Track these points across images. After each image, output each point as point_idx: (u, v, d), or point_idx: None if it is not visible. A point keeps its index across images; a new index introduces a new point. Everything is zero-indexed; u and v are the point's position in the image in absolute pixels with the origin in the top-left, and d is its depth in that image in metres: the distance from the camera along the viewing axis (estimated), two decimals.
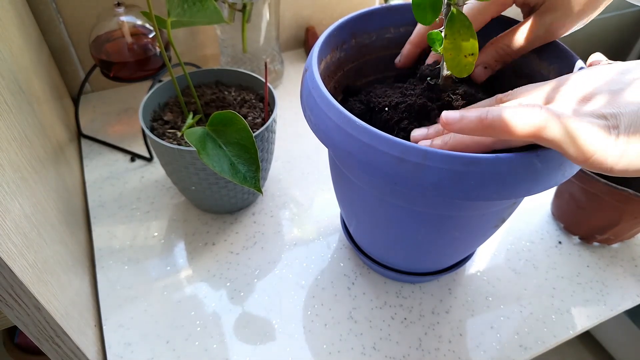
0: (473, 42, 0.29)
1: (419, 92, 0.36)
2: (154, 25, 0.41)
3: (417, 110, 0.35)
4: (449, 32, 0.30)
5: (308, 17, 0.78)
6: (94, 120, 0.65)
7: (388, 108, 0.36)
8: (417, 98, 0.35)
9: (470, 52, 0.30)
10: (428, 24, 0.30)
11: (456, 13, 0.29)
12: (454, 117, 0.27)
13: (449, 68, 0.31)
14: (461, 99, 0.35)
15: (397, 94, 0.38)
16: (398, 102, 0.36)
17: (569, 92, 0.28)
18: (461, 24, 0.29)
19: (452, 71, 0.31)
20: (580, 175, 0.48)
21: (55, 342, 0.34)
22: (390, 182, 0.30)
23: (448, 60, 0.31)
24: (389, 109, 0.36)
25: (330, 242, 0.52)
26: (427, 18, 0.29)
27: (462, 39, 0.29)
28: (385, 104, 0.37)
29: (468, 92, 0.35)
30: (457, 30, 0.29)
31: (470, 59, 0.30)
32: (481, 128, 0.26)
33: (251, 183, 0.37)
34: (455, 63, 0.31)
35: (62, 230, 0.41)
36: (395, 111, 0.36)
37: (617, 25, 1.09)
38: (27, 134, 0.38)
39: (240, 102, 0.52)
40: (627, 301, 0.48)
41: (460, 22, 0.29)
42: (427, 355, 0.43)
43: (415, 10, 0.29)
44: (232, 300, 0.46)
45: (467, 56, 0.30)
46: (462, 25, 0.29)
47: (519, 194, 0.29)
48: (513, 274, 0.50)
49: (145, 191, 0.56)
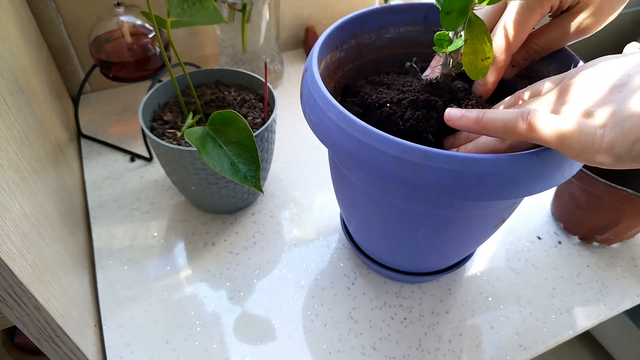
0: (489, 46, 0.31)
1: (420, 88, 0.36)
2: (153, 25, 0.41)
3: (422, 104, 0.35)
4: (469, 36, 0.30)
5: (308, 17, 0.78)
6: (94, 120, 0.65)
7: (390, 104, 0.36)
8: (419, 94, 0.36)
9: (486, 56, 0.31)
10: (453, 29, 0.31)
11: (474, 18, 0.29)
12: (455, 114, 0.31)
13: (467, 72, 0.32)
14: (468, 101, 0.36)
15: (395, 90, 0.38)
16: (400, 99, 0.36)
17: (572, 92, 0.28)
18: (479, 29, 0.30)
19: (469, 74, 0.32)
20: (580, 175, 0.48)
21: (55, 342, 0.34)
22: (390, 182, 0.30)
23: (467, 64, 0.32)
24: (391, 104, 0.36)
25: (330, 242, 0.52)
26: (453, 24, 0.30)
27: (480, 42, 0.30)
28: (386, 100, 0.37)
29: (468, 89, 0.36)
30: (475, 35, 0.30)
31: (487, 62, 0.31)
32: (478, 128, 0.30)
33: (252, 182, 0.37)
34: (473, 67, 0.32)
35: (61, 230, 0.41)
36: (399, 106, 0.36)
37: (617, 25, 1.09)
38: (27, 134, 0.38)
39: (240, 102, 0.52)
40: (627, 301, 0.48)
41: (478, 27, 0.30)
42: (427, 355, 0.43)
43: (444, 16, 0.29)
44: (231, 300, 0.46)
45: (484, 60, 0.31)
46: (480, 30, 0.30)
47: (519, 194, 0.29)
48: (513, 274, 0.50)
49: (145, 191, 0.56)
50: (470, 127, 0.30)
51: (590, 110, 0.26)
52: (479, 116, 0.29)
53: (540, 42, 0.37)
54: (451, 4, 0.28)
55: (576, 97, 0.27)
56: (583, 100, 0.27)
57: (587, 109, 0.26)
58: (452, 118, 0.31)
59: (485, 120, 0.29)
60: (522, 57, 0.38)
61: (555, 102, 0.29)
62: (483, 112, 0.29)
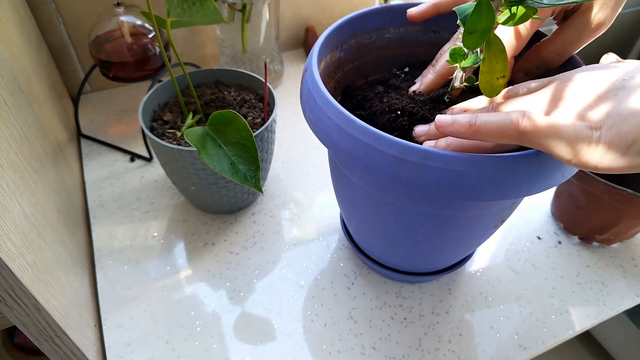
0: (505, 65, 0.30)
1: (427, 100, 0.37)
2: (153, 25, 0.41)
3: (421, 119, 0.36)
4: (487, 55, 0.30)
5: (308, 17, 0.78)
6: (94, 120, 0.65)
7: (389, 112, 0.37)
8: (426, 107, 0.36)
9: (502, 75, 0.31)
10: (473, 48, 0.30)
11: (493, 38, 0.29)
12: (446, 120, 0.29)
13: (482, 90, 0.32)
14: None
15: (406, 98, 0.38)
16: (404, 107, 0.36)
17: (565, 95, 0.28)
18: (497, 48, 0.30)
19: (484, 92, 0.32)
20: (580, 175, 0.48)
21: (55, 342, 0.34)
22: (390, 182, 0.30)
23: (482, 82, 0.31)
24: (389, 112, 0.36)
25: (330, 242, 0.52)
26: (475, 43, 0.30)
27: (497, 61, 0.30)
28: (391, 109, 0.37)
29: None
30: (493, 54, 0.30)
31: (502, 80, 0.31)
32: (471, 133, 0.28)
33: (251, 182, 0.37)
34: (489, 85, 0.31)
35: (61, 230, 0.41)
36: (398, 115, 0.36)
37: (617, 25, 1.09)
38: (27, 134, 0.38)
39: (240, 102, 0.52)
40: (627, 301, 0.48)
41: (496, 46, 0.30)
42: (426, 355, 0.43)
43: (466, 36, 0.29)
44: (231, 301, 0.46)
45: (499, 78, 0.31)
46: (497, 49, 0.30)
47: (518, 194, 0.29)
48: (513, 273, 0.50)
49: (144, 191, 0.56)
50: (463, 132, 0.28)
51: (585, 113, 0.25)
52: (471, 120, 0.28)
53: (553, 49, 0.36)
54: (475, 24, 0.28)
55: (570, 99, 0.27)
56: (578, 102, 0.26)
57: (581, 112, 0.26)
58: (443, 124, 0.29)
59: (478, 125, 0.28)
60: (536, 66, 0.38)
61: (548, 105, 0.28)
62: (475, 116, 0.28)
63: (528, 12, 0.29)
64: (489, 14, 0.27)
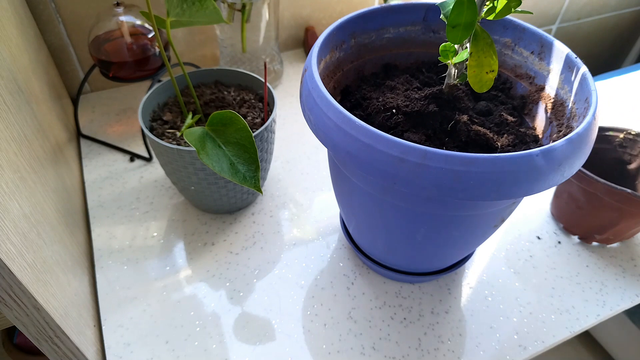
0: (495, 59, 0.30)
1: (422, 98, 0.37)
2: (153, 25, 0.41)
3: (416, 117, 0.35)
4: (474, 49, 0.30)
5: (307, 16, 0.78)
6: (93, 120, 0.65)
7: (384, 110, 0.36)
8: (420, 104, 0.36)
9: (491, 69, 0.31)
10: (459, 42, 0.31)
11: (479, 32, 0.29)
12: None
13: (471, 84, 0.32)
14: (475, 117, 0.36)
15: (401, 97, 0.38)
16: (399, 105, 0.36)
17: None
18: (484, 42, 0.30)
19: (474, 87, 0.32)
20: (580, 175, 0.48)
21: (54, 343, 0.34)
22: (390, 182, 0.30)
23: (471, 76, 0.32)
24: (384, 111, 0.36)
25: (329, 242, 0.52)
26: (459, 37, 0.30)
27: (485, 55, 0.30)
28: (386, 107, 0.37)
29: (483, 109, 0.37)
30: (481, 48, 0.30)
31: (491, 75, 0.31)
32: None
33: (251, 183, 0.37)
34: (478, 79, 0.31)
35: (61, 230, 0.41)
36: (396, 114, 0.36)
37: (616, 25, 1.09)
38: (26, 134, 0.38)
39: (240, 102, 0.52)
40: (627, 301, 0.48)
41: (484, 41, 0.30)
42: (426, 355, 0.43)
43: (450, 30, 0.29)
44: (231, 301, 0.46)
45: (489, 72, 0.31)
46: (485, 44, 0.30)
47: (518, 194, 0.29)
48: (512, 273, 0.50)
49: (144, 191, 0.56)
50: None
51: None
52: None
53: None
54: (457, 18, 0.28)
55: None
56: None
57: None
58: None
59: None
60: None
61: None
62: None
63: (510, 3, 0.29)
64: (470, 7, 0.27)
